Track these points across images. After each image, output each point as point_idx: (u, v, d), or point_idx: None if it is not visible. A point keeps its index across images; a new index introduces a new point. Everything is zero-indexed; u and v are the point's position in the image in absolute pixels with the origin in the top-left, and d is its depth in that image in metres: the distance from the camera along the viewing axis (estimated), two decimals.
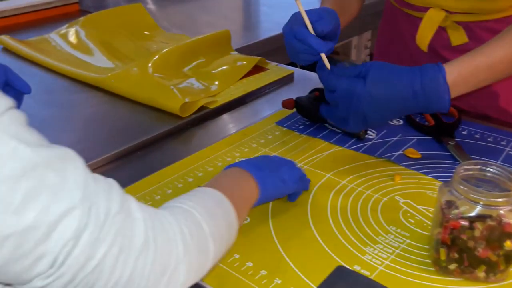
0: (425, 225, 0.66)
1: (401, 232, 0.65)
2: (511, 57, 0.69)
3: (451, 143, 0.83)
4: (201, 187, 0.59)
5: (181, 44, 1.17)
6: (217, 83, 1.08)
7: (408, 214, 0.68)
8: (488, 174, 0.59)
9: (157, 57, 1.10)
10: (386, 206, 0.70)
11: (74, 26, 1.32)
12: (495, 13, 0.87)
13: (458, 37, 0.91)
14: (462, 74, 0.68)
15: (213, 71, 1.12)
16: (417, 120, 0.90)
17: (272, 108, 1.00)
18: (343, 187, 0.74)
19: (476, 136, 0.87)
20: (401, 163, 0.79)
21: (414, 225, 0.66)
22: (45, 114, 0.96)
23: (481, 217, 0.55)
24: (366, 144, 0.85)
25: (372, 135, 0.87)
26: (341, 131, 0.88)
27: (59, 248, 0.39)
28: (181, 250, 0.47)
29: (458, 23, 0.90)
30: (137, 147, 0.87)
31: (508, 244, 0.55)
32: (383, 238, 0.64)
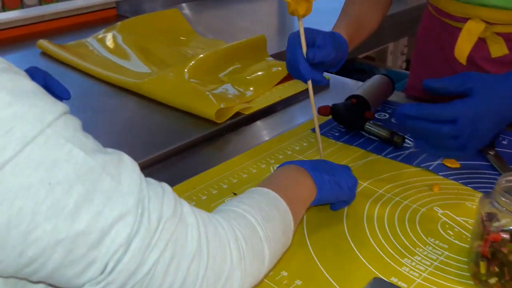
0: (465, 237, 0.65)
1: (440, 244, 0.64)
2: None
3: (491, 153, 0.81)
4: (256, 187, 0.57)
5: (217, 49, 1.18)
6: (252, 89, 1.08)
7: (447, 226, 0.67)
8: None
9: (193, 62, 1.11)
10: (424, 216, 0.69)
11: (112, 31, 1.35)
12: None
13: (498, 49, 0.88)
14: None
15: (248, 77, 1.12)
16: None
17: (307, 114, 0.99)
18: (380, 197, 0.73)
19: None
20: (439, 173, 0.77)
21: (453, 237, 0.65)
22: (81, 118, 0.95)
23: None
24: (404, 153, 0.83)
25: (409, 143, 0.86)
26: (378, 139, 0.86)
27: (110, 254, 0.39)
28: (235, 256, 0.46)
29: (498, 34, 0.87)
30: (172, 153, 0.87)
31: None
32: (421, 250, 0.63)
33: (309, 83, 0.74)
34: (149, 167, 0.83)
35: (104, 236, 0.38)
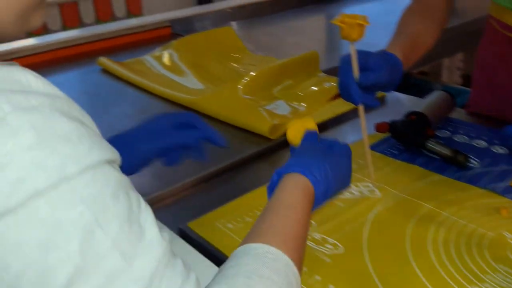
0: None
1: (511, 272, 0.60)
2: None
3: None
4: (264, 244, 0.45)
5: (269, 66, 1.18)
6: (305, 104, 1.06)
7: None
8: None
9: (247, 79, 1.11)
10: (492, 242, 0.65)
11: (168, 48, 1.37)
12: None
13: None
14: None
15: (300, 92, 1.12)
16: None
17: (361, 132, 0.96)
18: (445, 219, 0.69)
19: None
20: (507, 195, 0.73)
21: None
22: None
23: None
24: (468, 173, 0.79)
25: (474, 163, 0.82)
26: (440, 157, 0.83)
27: None
28: None
29: None
30: (226, 169, 0.87)
31: None
32: (490, 277, 0.59)
33: (360, 107, 0.73)
34: (202, 183, 0.83)
35: None
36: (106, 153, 0.37)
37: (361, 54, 0.71)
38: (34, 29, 0.44)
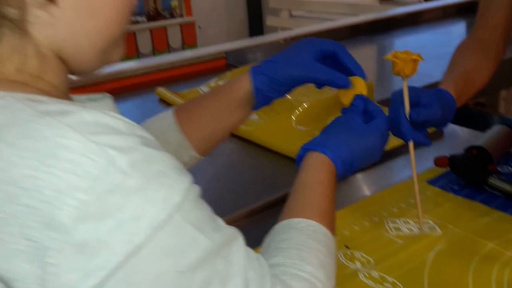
0: None
1: None
2: None
3: None
4: (300, 218, 0.52)
5: (323, 97, 1.18)
6: None
7: None
8: None
9: (300, 109, 1.12)
10: None
11: (222, 79, 1.40)
12: None
13: None
14: None
15: None
16: None
17: (420, 165, 0.94)
18: (509, 259, 0.66)
19: None
20: None
21: None
22: (200, 162, 1.01)
23: None
24: None
25: None
26: (502, 194, 0.80)
27: None
28: None
29: None
30: (282, 199, 0.87)
31: None
32: None
33: (410, 144, 0.71)
34: (258, 213, 0.84)
35: None
36: (187, 173, 0.40)
37: (413, 90, 0.71)
38: (111, 64, 0.47)
